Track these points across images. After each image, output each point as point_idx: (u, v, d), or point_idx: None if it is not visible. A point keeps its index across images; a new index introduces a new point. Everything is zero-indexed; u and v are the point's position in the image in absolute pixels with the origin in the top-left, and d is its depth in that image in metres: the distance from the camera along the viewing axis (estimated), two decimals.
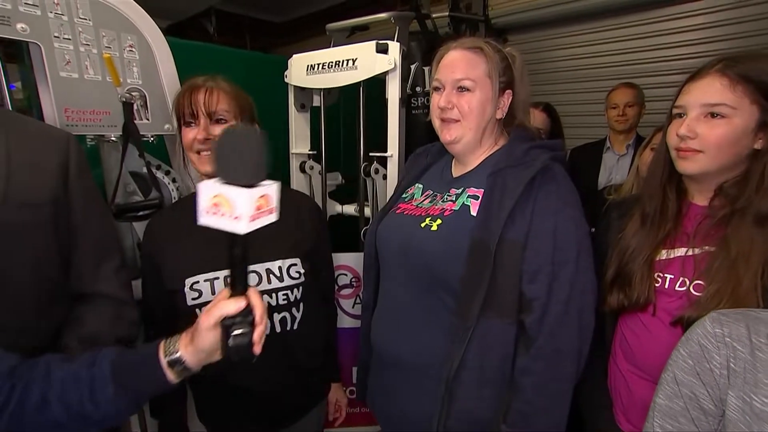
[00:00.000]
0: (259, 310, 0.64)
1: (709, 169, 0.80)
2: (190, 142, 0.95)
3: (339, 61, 1.53)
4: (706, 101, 0.78)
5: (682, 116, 0.83)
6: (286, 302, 0.99)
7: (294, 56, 1.66)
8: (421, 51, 1.74)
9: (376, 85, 1.51)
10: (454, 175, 1.02)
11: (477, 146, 0.97)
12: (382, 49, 1.45)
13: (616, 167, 2.01)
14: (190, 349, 0.64)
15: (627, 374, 0.92)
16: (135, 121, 1.16)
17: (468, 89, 0.92)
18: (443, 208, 0.95)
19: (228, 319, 0.62)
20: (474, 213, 0.89)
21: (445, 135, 0.96)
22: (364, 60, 1.47)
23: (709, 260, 0.79)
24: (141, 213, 1.19)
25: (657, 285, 0.86)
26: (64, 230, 0.81)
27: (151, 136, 1.24)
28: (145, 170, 1.19)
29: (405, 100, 1.51)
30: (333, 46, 1.70)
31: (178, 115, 0.97)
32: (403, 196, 1.08)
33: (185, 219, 1.01)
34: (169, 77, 1.23)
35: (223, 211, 0.58)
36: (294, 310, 1.02)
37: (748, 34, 1.98)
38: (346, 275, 1.59)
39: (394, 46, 1.44)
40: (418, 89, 1.75)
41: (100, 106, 1.11)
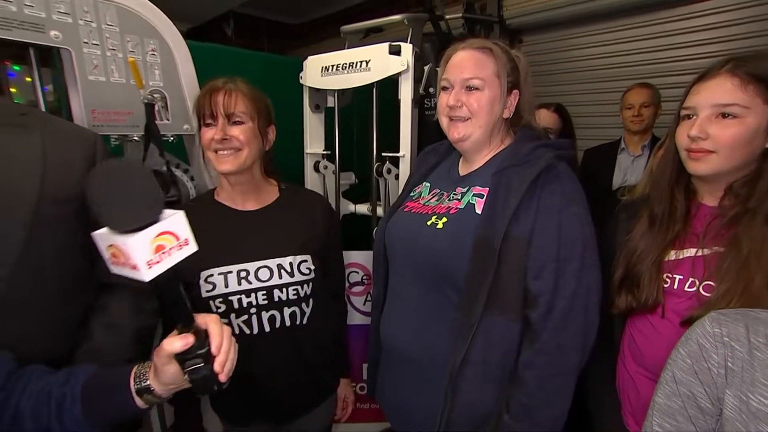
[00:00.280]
0: (216, 341, 0.61)
1: (721, 170, 0.80)
2: (209, 142, 0.99)
3: (353, 63, 1.56)
4: (717, 101, 0.78)
5: (691, 117, 0.83)
6: (296, 297, 1.03)
7: (309, 58, 1.69)
8: (434, 52, 1.76)
9: (389, 86, 1.53)
10: (461, 174, 1.03)
11: (485, 144, 0.98)
12: (395, 51, 1.47)
13: (631, 168, 1.98)
14: (156, 380, 0.63)
15: (635, 376, 0.92)
16: (156, 122, 1.21)
17: (477, 88, 0.93)
18: (449, 207, 0.96)
19: (180, 355, 0.59)
20: (479, 211, 0.91)
21: (453, 133, 0.97)
22: (377, 61, 1.50)
23: (720, 260, 0.79)
24: None
25: (666, 286, 0.86)
26: (88, 223, 0.86)
27: (171, 136, 1.29)
28: (165, 168, 1.25)
29: (417, 101, 1.52)
30: (347, 48, 1.73)
31: (198, 115, 1.01)
32: (411, 194, 1.10)
33: (201, 215, 1.06)
34: (188, 79, 1.28)
35: (122, 261, 0.51)
36: (304, 305, 1.05)
37: (765, 32, 1.93)
38: (358, 273, 1.62)
39: (406, 48, 1.46)
40: (432, 90, 1.76)
41: (124, 107, 1.17)
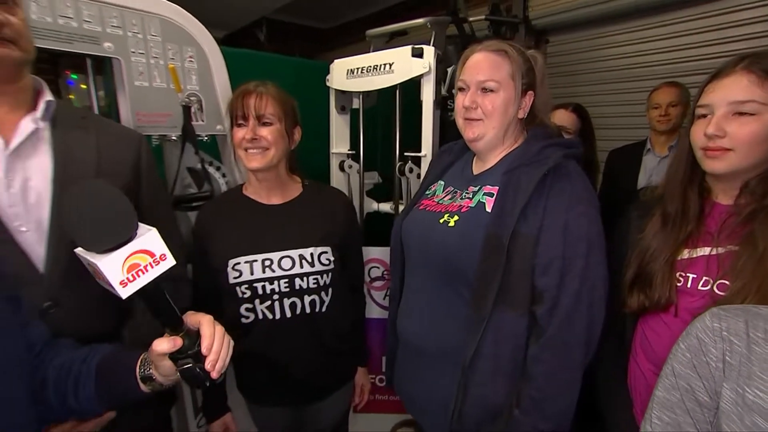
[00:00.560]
0: (206, 342, 0.64)
1: (739, 168, 0.79)
2: (240, 141, 1.07)
3: (377, 66, 1.61)
4: (734, 99, 0.77)
5: (706, 116, 0.82)
6: (316, 286, 1.10)
7: (335, 61, 1.75)
8: (458, 54, 1.78)
9: (412, 87, 1.57)
10: (475, 173, 1.06)
11: (498, 144, 1.00)
12: (418, 54, 1.50)
13: (657, 169, 1.91)
14: (156, 371, 0.66)
15: (648, 373, 0.92)
16: (192, 123, 1.31)
17: (492, 90, 0.95)
18: (461, 205, 0.99)
19: (172, 354, 0.62)
20: (489, 209, 0.93)
21: (468, 133, 1.00)
22: (401, 64, 1.54)
23: (734, 258, 0.78)
24: (195, 204, 1.35)
25: (679, 285, 0.86)
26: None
27: (205, 136, 1.39)
28: (199, 166, 1.35)
29: (439, 102, 1.56)
30: (372, 51, 1.79)
31: (231, 116, 1.10)
32: (427, 192, 1.13)
33: (231, 208, 1.15)
34: (221, 83, 1.38)
35: (100, 278, 0.54)
36: (323, 294, 1.12)
37: None
38: (378, 268, 1.67)
39: (428, 51, 1.50)
40: (455, 91, 1.79)
41: (164, 110, 1.27)
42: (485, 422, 0.94)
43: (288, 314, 1.08)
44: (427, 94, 1.52)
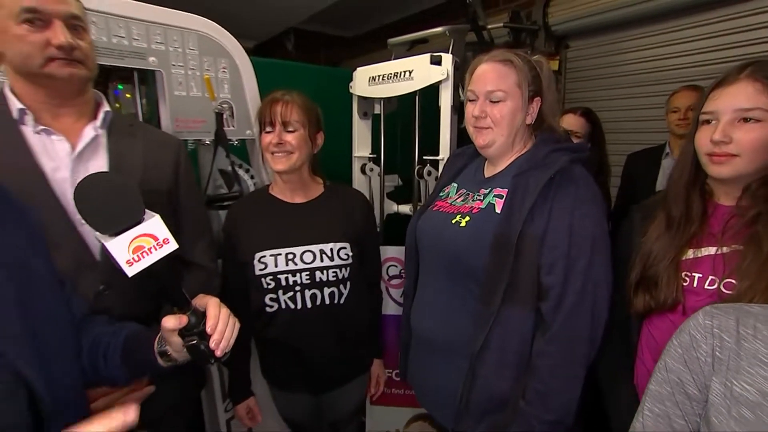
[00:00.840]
0: (211, 322, 0.67)
1: (743, 172, 0.81)
2: (267, 145, 1.17)
3: (397, 73, 1.67)
4: (740, 106, 0.79)
5: (710, 122, 0.84)
6: (335, 279, 1.18)
7: (358, 69, 1.83)
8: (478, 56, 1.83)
9: (430, 93, 1.62)
10: (486, 176, 1.10)
11: (508, 150, 1.05)
12: (436, 61, 1.56)
13: None
14: (170, 347, 0.71)
15: None
16: (224, 128, 1.42)
17: (500, 99, 1.00)
18: (472, 207, 1.04)
19: (180, 330, 0.67)
20: (498, 211, 0.98)
21: (479, 140, 1.05)
22: (420, 71, 1.60)
23: (740, 258, 0.80)
24: (225, 203, 1.46)
25: (685, 284, 0.87)
26: (173, 212, 1.06)
27: (236, 140, 1.49)
28: (230, 168, 1.46)
29: (457, 108, 1.61)
30: (394, 59, 1.86)
31: (260, 122, 1.19)
32: (440, 194, 1.18)
33: (258, 206, 1.25)
34: (251, 92, 1.48)
35: (113, 259, 0.60)
36: (342, 286, 1.20)
37: None
38: (396, 267, 1.73)
39: (447, 58, 1.55)
40: (464, 98, 1.83)
41: (200, 116, 1.39)
42: (490, 412, 0.99)
43: (309, 305, 1.17)
44: (445, 100, 1.57)
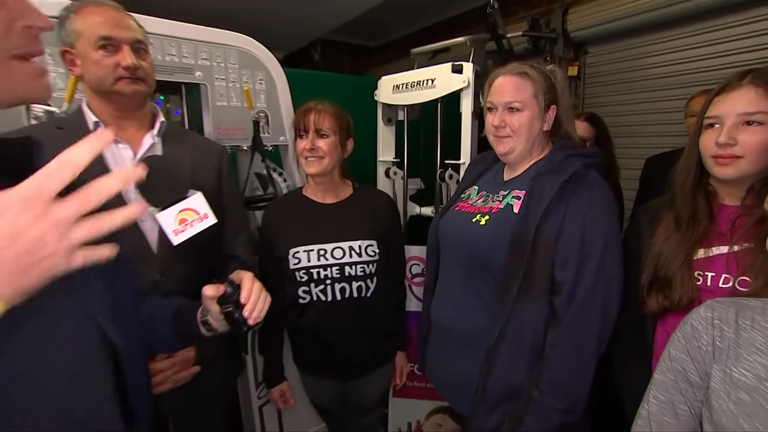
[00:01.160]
0: (245, 293, 0.74)
1: (747, 173, 0.85)
2: (301, 150, 1.27)
3: (420, 81, 1.75)
4: (743, 110, 0.84)
5: (714, 126, 0.89)
6: (362, 274, 1.28)
7: (382, 78, 1.92)
8: (496, 68, 1.89)
9: (452, 100, 1.69)
10: (505, 179, 1.17)
11: (526, 155, 1.11)
12: (457, 70, 1.62)
13: None
14: (210, 316, 0.79)
15: None
16: (260, 135, 1.54)
17: (517, 109, 1.06)
18: (491, 207, 1.11)
19: (218, 299, 0.75)
20: (516, 211, 1.05)
21: (500, 148, 1.12)
22: (442, 79, 1.67)
23: (752, 257, 0.83)
24: (261, 204, 1.57)
25: (698, 283, 0.90)
26: (217, 211, 1.17)
27: (270, 146, 1.61)
28: (265, 171, 1.58)
29: (477, 114, 1.67)
30: (417, 68, 1.95)
31: (295, 129, 1.30)
32: (462, 196, 1.26)
33: (292, 207, 1.36)
34: (284, 101, 1.60)
35: (164, 230, 0.71)
36: (369, 281, 1.29)
37: None
38: (419, 265, 1.80)
39: (467, 67, 1.62)
40: (483, 105, 1.88)
41: (239, 125, 1.51)
42: (505, 401, 1.05)
43: (338, 297, 1.27)
44: (466, 107, 1.63)
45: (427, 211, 1.99)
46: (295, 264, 1.26)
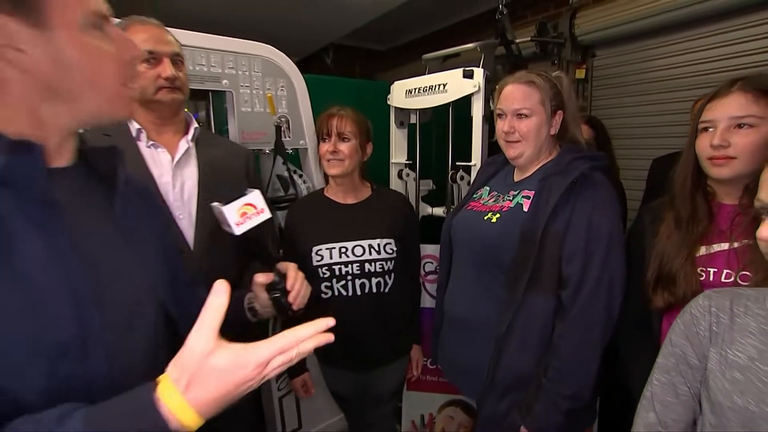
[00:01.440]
0: (290, 281, 0.82)
1: (741, 173, 0.90)
2: (324, 153, 1.35)
3: (432, 86, 1.80)
4: (734, 114, 0.89)
5: (708, 130, 0.94)
6: (381, 270, 1.35)
7: (395, 83, 1.98)
8: (506, 73, 1.94)
9: (463, 104, 1.74)
10: (515, 180, 1.23)
11: (535, 159, 1.17)
12: (468, 75, 1.67)
13: None
14: (257, 303, 0.87)
15: None
16: (281, 139, 1.62)
17: (526, 115, 1.12)
18: (502, 206, 1.18)
19: (267, 286, 0.83)
20: (525, 209, 1.11)
21: (510, 152, 1.18)
22: (453, 84, 1.72)
23: (752, 252, 0.85)
24: (282, 205, 1.66)
25: (702, 279, 0.94)
26: None
27: (291, 149, 1.69)
28: (286, 174, 1.66)
29: (488, 117, 1.72)
30: (428, 72, 2.01)
31: (318, 133, 1.38)
32: (474, 196, 1.32)
33: (314, 207, 1.44)
34: (304, 106, 1.69)
35: (225, 223, 0.78)
36: (387, 277, 1.37)
37: None
38: (432, 263, 1.87)
39: (478, 72, 1.67)
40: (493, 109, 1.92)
41: (262, 129, 1.60)
42: (513, 388, 1.11)
43: (358, 292, 1.34)
44: (477, 111, 1.69)
45: (439, 211, 2.04)
46: (317, 261, 1.33)
